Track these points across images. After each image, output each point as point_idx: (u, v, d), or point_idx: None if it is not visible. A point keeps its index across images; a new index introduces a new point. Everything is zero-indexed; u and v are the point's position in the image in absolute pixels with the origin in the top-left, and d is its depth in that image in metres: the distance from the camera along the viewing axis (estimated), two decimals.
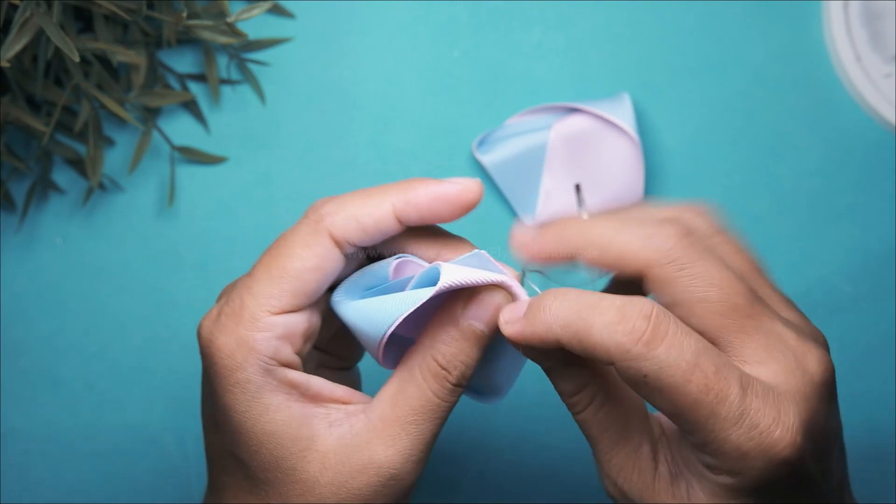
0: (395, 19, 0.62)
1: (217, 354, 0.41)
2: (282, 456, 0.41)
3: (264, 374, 0.41)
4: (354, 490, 0.41)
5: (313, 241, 0.41)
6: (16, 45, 0.49)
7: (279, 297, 0.41)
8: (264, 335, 0.40)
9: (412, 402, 0.41)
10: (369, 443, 0.41)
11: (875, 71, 0.62)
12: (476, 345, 0.42)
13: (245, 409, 0.41)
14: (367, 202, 0.41)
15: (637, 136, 0.59)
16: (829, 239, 0.62)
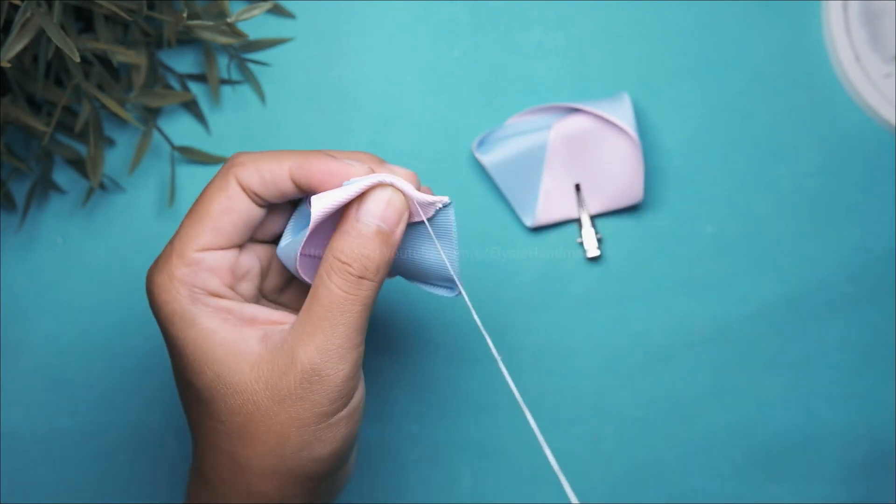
0: (395, 19, 0.62)
1: (154, 291, 0.46)
2: (221, 372, 0.45)
3: (194, 303, 0.45)
4: (284, 391, 0.44)
5: (224, 185, 0.46)
6: (16, 45, 0.49)
7: (200, 235, 0.45)
8: (190, 269, 0.45)
9: (321, 301, 0.44)
10: (292, 345, 0.44)
11: (874, 71, 0.62)
12: (375, 238, 0.45)
13: (184, 336, 0.45)
14: (271, 159, 0.46)
15: (637, 136, 0.59)
16: (829, 239, 0.62)
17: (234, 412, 0.45)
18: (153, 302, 0.46)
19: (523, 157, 0.61)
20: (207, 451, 0.47)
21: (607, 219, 0.62)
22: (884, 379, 0.62)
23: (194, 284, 0.45)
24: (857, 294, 0.62)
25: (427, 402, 0.62)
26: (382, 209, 0.45)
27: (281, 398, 0.44)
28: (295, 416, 0.44)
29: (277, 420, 0.44)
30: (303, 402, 0.44)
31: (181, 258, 0.45)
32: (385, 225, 0.45)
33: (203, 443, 0.47)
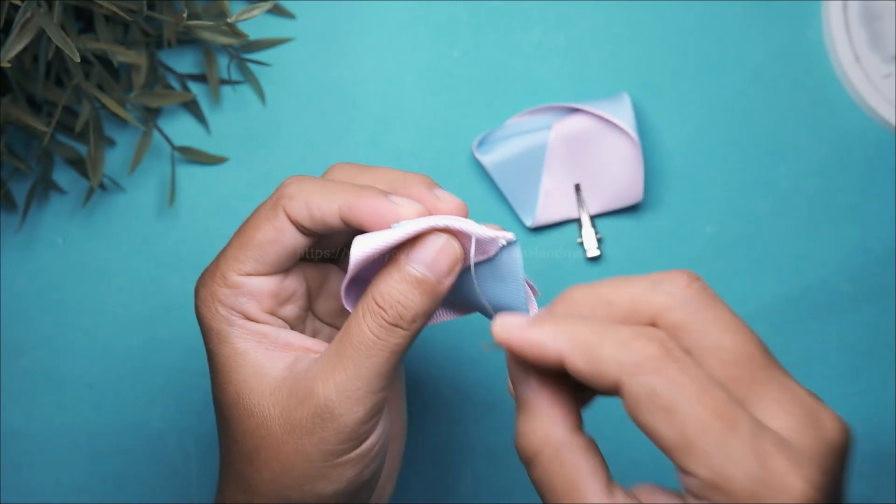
0: (395, 19, 0.62)
1: (198, 304, 0.47)
2: (242, 392, 0.45)
3: (230, 324, 0.45)
4: (296, 421, 0.43)
5: (273, 216, 0.45)
6: (17, 45, 0.49)
7: (244, 260, 0.45)
8: (230, 291, 0.45)
9: (351, 339, 0.43)
10: (314, 376, 0.43)
11: (874, 71, 0.62)
12: (416, 287, 0.42)
13: (217, 352, 0.45)
14: (321, 194, 0.44)
15: (637, 136, 0.59)
16: (828, 239, 0.62)
17: (248, 434, 0.45)
18: (197, 312, 0.47)
19: (523, 157, 0.61)
20: (225, 468, 0.47)
21: (607, 219, 0.62)
22: (884, 379, 0.62)
23: (233, 307, 0.45)
24: (857, 294, 0.62)
25: (427, 402, 0.62)
26: (432, 257, 0.42)
27: (292, 428, 0.44)
28: (302, 449, 0.44)
29: (285, 449, 0.44)
30: (311, 436, 0.44)
31: (223, 279, 0.45)
32: (431, 275, 0.42)
33: (223, 460, 0.47)
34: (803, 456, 0.35)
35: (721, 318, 0.38)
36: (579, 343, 0.37)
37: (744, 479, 0.34)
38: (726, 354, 0.37)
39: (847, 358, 0.62)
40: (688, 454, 0.35)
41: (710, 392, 0.35)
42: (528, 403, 0.39)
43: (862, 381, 0.62)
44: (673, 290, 0.38)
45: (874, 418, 0.62)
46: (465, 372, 0.62)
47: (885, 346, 0.62)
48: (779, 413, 0.37)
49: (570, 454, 0.38)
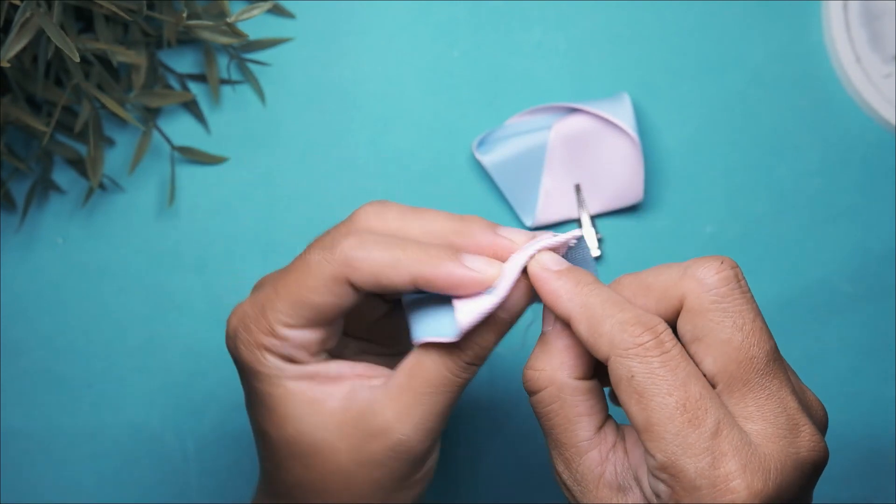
0: (395, 19, 0.62)
1: (239, 347, 0.45)
2: (305, 430, 0.44)
3: (280, 370, 0.44)
4: (368, 455, 0.44)
5: (333, 283, 0.43)
6: (16, 45, 0.49)
7: (296, 318, 0.44)
8: (279, 342, 0.44)
9: (427, 375, 0.43)
10: (385, 409, 0.44)
11: (874, 71, 0.62)
12: (492, 330, 0.44)
13: (268, 392, 0.44)
14: (390, 265, 0.42)
15: (637, 136, 0.59)
16: (829, 239, 0.62)
17: (314, 468, 0.44)
18: (236, 354, 0.45)
19: (523, 157, 0.61)
20: (279, 498, 0.47)
21: (607, 219, 0.62)
22: (884, 379, 0.62)
23: (282, 355, 0.44)
24: (857, 294, 0.62)
25: None
26: (511, 304, 0.43)
27: (363, 462, 0.44)
28: (373, 480, 0.44)
29: (356, 482, 0.44)
30: (383, 469, 0.44)
31: (271, 331, 0.44)
32: (506, 315, 0.43)
33: (275, 489, 0.47)
34: (761, 465, 0.38)
35: (740, 313, 0.40)
36: (587, 312, 0.41)
37: (693, 471, 0.38)
38: (731, 351, 0.40)
39: (847, 358, 0.62)
40: (649, 437, 0.38)
41: (684, 387, 0.38)
42: (547, 341, 0.43)
43: (862, 381, 0.62)
44: (702, 276, 0.41)
45: (874, 418, 0.62)
46: None
47: (885, 346, 0.62)
48: (756, 417, 0.39)
49: (571, 396, 0.42)
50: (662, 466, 0.38)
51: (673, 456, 0.38)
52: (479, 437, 0.62)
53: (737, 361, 0.40)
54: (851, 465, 0.61)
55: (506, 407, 0.62)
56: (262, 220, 0.62)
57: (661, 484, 0.39)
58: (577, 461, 0.42)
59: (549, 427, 0.42)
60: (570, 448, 0.42)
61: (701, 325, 0.41)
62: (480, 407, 0.62)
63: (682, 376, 0.39)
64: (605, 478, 0.41)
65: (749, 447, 0.38)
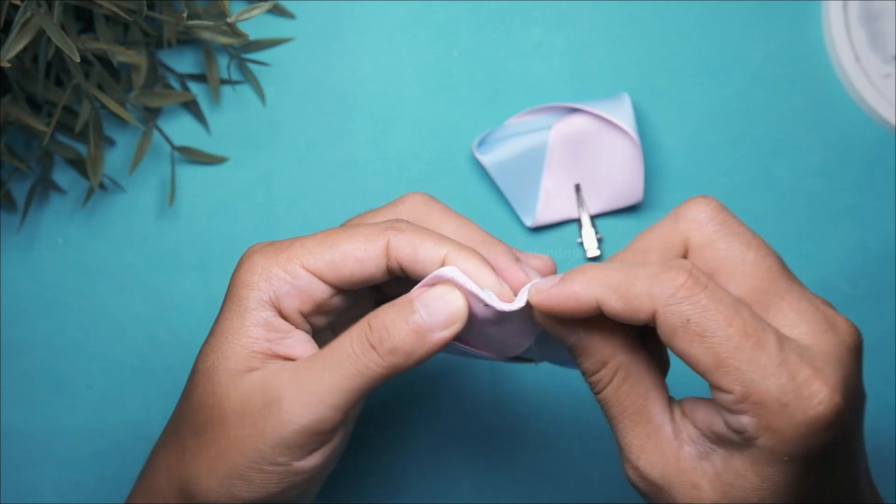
0: (395, 19, 0.62)
1: (245, 267, 0.44)
2: (220, 368, 0.44)
3: (260, 303, 0.44)
4: (248, 407, 0.43)
5: (372, 238, 0.43)
6: (17, 45, 0.49)
7: (318, 258, 0.44)
8: (284, 276, 0.44)
9: (331, 347, 0.43)
10: (282, 369, 0.43)
11: (874, 71, 0.62)
12: (407, 324, 0.42)
13: (229, 318, 0.44)
14: (431, 240, 0.43)
15: (637, 136, 0.59)
16: (829, 239, 0.62)
17: (205, 408, 0.44)
18: (236, 274, 0.45)
19: (523, 157, 0.61)
20: (170, 432, 0.47)
21: (607, 219, 0.62)
22: (884, 379, 0.62)
23: (276, 290, 0.44)
24: (857, 294, 0.62)
25: (427, 402, 0.62)
26: (435, 304, 0.43)
27: (242, 413, 0.43)
28: (238, 437, 0.43)
29: (226, 434, 0.43)
30: (252, 426, 0.42)
31: (286, 262, 0.44)
32: (427, 319, 0.42)
33: (170, 422, 0.47)
34: (824, 361, 0.39)
35: (742, 234, 0.42)
36: (612, 285, 0.40)
37: (777, 390, 0.38)
38: (750, 269, 0.41)
39: None
40: (722, 373, 0.38)
41: (738, 313, 0.39)
42: (586, 347, 0.42)
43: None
44: (695, 215, 0.42)
45: (874, 418, 0.61)
46: (466, 372, 0.62)
47: (885, 346, 0.62)
48: (799, 321, 0.40)
49: (637, 373, 0.42)
50: (744, 397, 0.38)
51: (752, 383, 0.38)
52: (479, 438, 0.62)
53: (760, 276, 0.41)
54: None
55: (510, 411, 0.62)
56: (262, 220, 0.62)
57: (745, 416, 0.39)
58: (655, 439, 0.41)
59: (621, 411, 0.42)
60: (646, 425, 0.42)
61: (713, 257, 0.42)
62: (482, 406, 0.62)
63: (731, 303, 0.39)
64: (685, 450, 0.41)
65: (808, 350, 0.39)
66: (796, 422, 0.38)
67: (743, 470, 0.40)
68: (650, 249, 0.43)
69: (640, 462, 0.42)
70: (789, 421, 0.38)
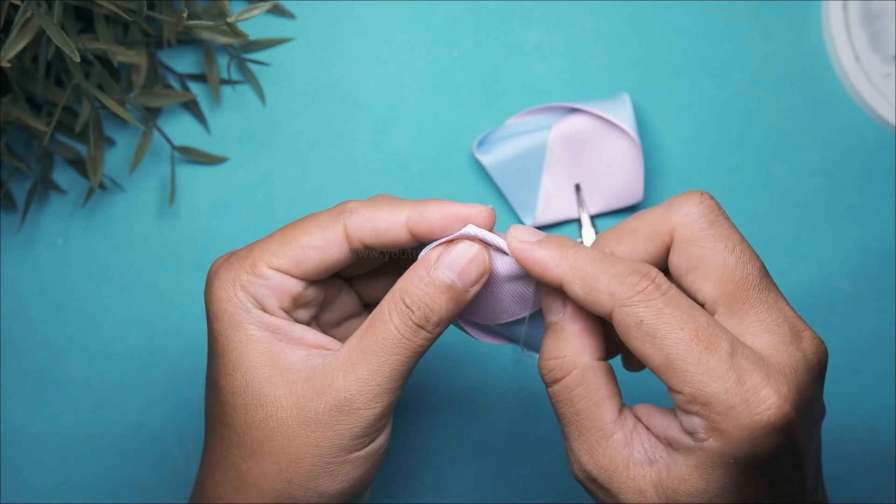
0: (395, 19, 0.62)
1: (214, 283, 0.45)
2: (252, 380, 0.44)
3: (246, 311, 0.44)
4: (312, 413, 0.44)
5: (327, 226, 0.44)
6: (17, 45, 0.49)
7: (280, 256, 0.44)
8: (256, 279, 0.44)
9: (375, 335, 0.44)
10: (333, 369, 0.44)
11: (874, 71, 0.62)
12: (444, 293, 0.44)
13: (227, 335, 0.44)
14: (385, 209, 0.44)
15: (637, 136, 0.59)
16: (829, 239, 0.62)
17: (254, 425, 0.44)
18: (209, 293, 0.45)
19: (523, 157, 0.61)
20: (215, 462, 0.46)
21: (607, 219, 0.62)
22: (883, 379, 0.62)
23: (254, 295, 0.44)
24: (857, 294, 0.62)
25: (427, 402, 0.62)
26: (462, 266, 0.44)
27: (306, 421, 0.44)
28: (314, 443, 0.44)
29: (295, 442, 0.44)
30: (325, 429, 0.44)
31: (252, 267, 0.44)
32: (460, 282, 0.44)
33: (213, 453, 0.46)
34: (778, 371, 0.40)
35: (729, 237, 0.43)
36: (579, 272, 0.41)
37: (723, 392, 0.39)
38: (729, 273, 0.42)
39: (847, 358, 0.62)
40: (672, 374, 0.40)
41: (692, 319, 0.40)
42: (560, 328, 0.43)
43: (862, 381, 0.62)
44: (686, 209, 0.43)
45: (874, 418, 0.62)
46: (466, 372, 0.62)
47: (885, 346, 0.62)
48: (762, 331, 0.41)
49: (595, 378, 0.43)
50: (692, 398, 0.39)
51: (700, 384, 0.39)
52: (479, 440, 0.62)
53: (735, 281, 0.42)
54: (851, 465, 0.61)
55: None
56: (262, 220, 0.62)
57: (694, 417, 0.40)
58: (605, 445, 0.42)
59: (573, 414, 0.43)
60: (597, 432, 0.42)
61: (695, 254, 0.42)
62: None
63: (687, 309, 0.40)
64: (635, 457, 0.42)
65: (763, 359, 0.40)
66: (742, 425, 0.39)
67: (688, 474, 0.40)
68: (639, 232, 0.44)
69: (589, 465, 0.43)
70: (735, 423, 0.39)
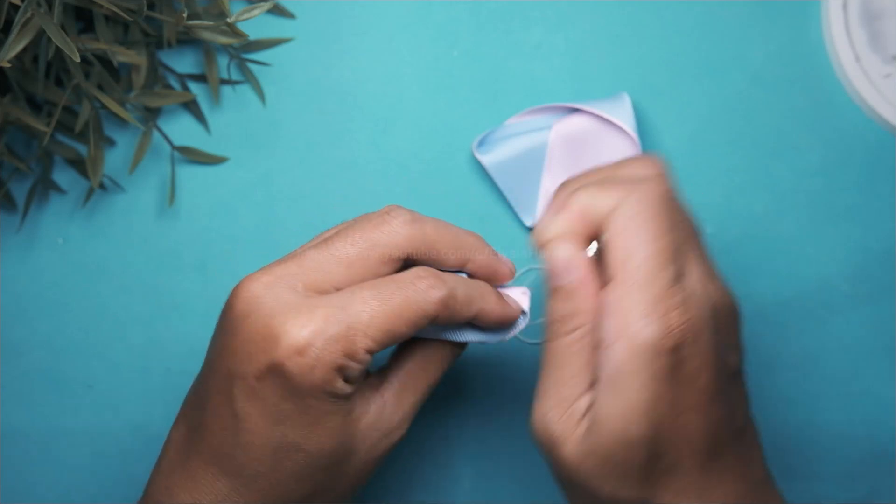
0: (395, 19, 0.62)
1: (314, 367, 0.44)
2: (344, 441, 0.46)
3: (344, 390, 0.45)
4: (378, 453, 0.48)
5: (423, 320, 0.46)
6: (17, 45, 0.49)
7: (379, 345, 0.45)
8: (356, 366, 0.45)
9: (430, 378, 0.49)
10: (395, 411, 0.48)
11: (874, 71, 0.62)
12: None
13: (324, 409, 0.45)
14: (466, 302, 0.47)
15: (637, 136, 0.59)
16: (828, 239, 0.62)
17: (335, 476, 0.47)
18: (304, 373, 0.44)
19: (523, 157, 0.61)
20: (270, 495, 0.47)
21: None
22: (883, 379, 0.62)
23: (347, 376, 0.45)
24: (857, 294, 0.62)
25: (427, 402, 0.62)
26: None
27: (371, 460, 0.48)
28: (368, 472, 0.48)
29: (357, 477, 0.48)
30: (378, 462, 0.48)
31: (353, 352, 0.44)
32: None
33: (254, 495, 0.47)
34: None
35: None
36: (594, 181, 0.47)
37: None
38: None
39: (847, 358, 0.62)
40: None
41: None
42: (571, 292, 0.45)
43: (862, 381, 0.62)
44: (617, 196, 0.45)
45: (874, 418, 0.62)
46: (465, 372, 0.62)
47: (885, 346, 0.62)
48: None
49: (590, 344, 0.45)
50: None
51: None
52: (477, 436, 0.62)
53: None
54: (851, 465, 0.61)
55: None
56: (262, 220, 0.62)
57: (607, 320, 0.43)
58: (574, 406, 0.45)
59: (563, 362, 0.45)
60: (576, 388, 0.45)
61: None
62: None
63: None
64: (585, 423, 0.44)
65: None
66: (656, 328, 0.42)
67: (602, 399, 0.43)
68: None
69: (548, 416, 0.44)
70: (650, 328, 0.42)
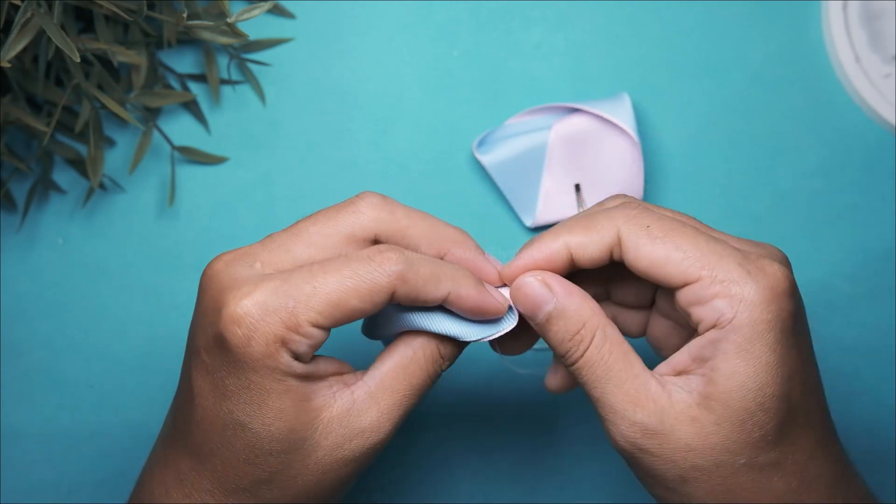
0: (395, 19, 0.62)
1: (255, 338, 0.44)
2: (295, 427, 0.45)
3: (288, 365, 0.44)
4: (347, 452, 0.45)
5: (378, 292, 0.44)
6: (17, 45, 0.49)
7: (328, 318, 0.44)
8: (299, 339, 0.44)
9: (412, 380, 0.46)
10: (369, 410, 0.45)
11: (874, 71, 0.62)
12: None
13: (268, 387, 0.44)
14: (433, 280, 0.45)
15: (637, 136, 0.59)
16: (828, 239, 0.62)
17: (290, 465, 0.45)
18: (246, 344, 0.44)
19: (523, 157, 0.61)
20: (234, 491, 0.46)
21: None
22: (883, 379, 0.62)
23: (294, 351, 0.44)
24: (857, 294, 0.62)
25: (427, 402, 0.62)
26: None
27: (340, 458, 0.46)
28: (344, 475, 0.46)
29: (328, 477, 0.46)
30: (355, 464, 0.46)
31: (297, 326, 0.43)
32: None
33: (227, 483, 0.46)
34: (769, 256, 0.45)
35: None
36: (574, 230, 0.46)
37: (737, 266, 0.44)
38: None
39: (847, 358, 0.62)
40: (689, 264, 0.44)
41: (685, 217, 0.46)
42: (563, 309, 0.45)
43: (862, 381, 0.62)
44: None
45: (874, 418, 0.62)
46: (465, 372, 0.62)
47: (885, 346, 0.62)
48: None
49: (615, 332, 0.45)
50: (711, 279, 0.43)
51: (717, 262, 0.43)
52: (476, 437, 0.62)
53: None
54: None
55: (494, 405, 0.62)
56: (262, 220, 0.62)
57: (717, 300, 0.43)
58: (647, 390, 0.44)
59: (606, 371, 0.44)
60: (636, 379, 0.44)
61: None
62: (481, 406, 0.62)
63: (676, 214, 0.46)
64: (675, 396, 0.44)
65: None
66: (763, 285, 0.42)
67: (732, 366, 0.42)
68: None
69: (638, 415, 0.43)
70: (756, 286, 0.42)
